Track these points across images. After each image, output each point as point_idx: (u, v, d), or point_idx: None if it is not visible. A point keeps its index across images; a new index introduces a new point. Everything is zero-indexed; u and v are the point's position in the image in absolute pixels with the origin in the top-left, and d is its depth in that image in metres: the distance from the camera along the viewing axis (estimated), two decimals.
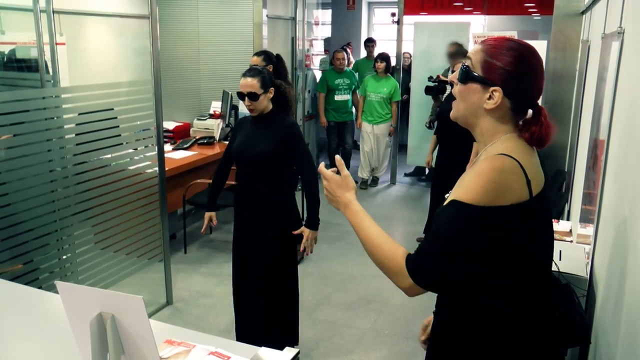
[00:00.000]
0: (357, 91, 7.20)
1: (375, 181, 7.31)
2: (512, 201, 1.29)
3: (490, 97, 1.38)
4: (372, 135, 6.99)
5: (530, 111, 1.42)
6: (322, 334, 3.64)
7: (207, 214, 3.31)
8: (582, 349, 2.23)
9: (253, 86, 2.95)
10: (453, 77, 1.47)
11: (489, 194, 1.28)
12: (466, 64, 1.44)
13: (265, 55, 4.13)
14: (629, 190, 1.76)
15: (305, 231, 3.05)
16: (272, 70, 3.97)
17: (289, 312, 3.26)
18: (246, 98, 2.97)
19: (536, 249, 1.39)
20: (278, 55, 4.29)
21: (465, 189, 1.31)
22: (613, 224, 1.99)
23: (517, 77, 1.37)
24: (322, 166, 1.60)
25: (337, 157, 1.61)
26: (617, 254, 1.83)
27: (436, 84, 5.58)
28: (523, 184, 1.31)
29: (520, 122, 1.42)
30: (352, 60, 8.58)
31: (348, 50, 8.31)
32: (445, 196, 1.54)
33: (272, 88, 3.02)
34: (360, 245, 1.49)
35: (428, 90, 5.72)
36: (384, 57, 6.74)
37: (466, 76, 1.43)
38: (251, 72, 3.00)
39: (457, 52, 5.26)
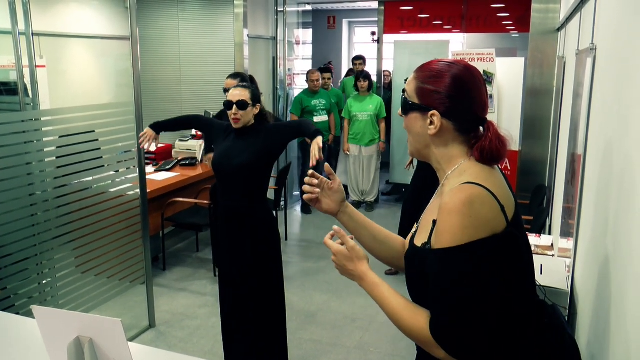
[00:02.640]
0: (342, 114, 6.81)
1: (371, 206, 6.93)
2: (490, 232, 1.23)
3: (431, 123, 1.36)
4: (359, 157, 6.76)
5: (482, 128, 1.37)
6: (308, 354, 3.62)
7: (152, 133, 3.27)
8: None
9: (244, 95, 2.98)
10: (400, 112, 1.45)
11: (469, 230, 1.22)
12: (403, 95, 1.42)
13: (241, 78, 4.14)
14: (605, 203, 1.78)
15: (311, 143, 2.95)
16: None
17: (277, 329, 3.24)
18: (234, 106, 2.96)
19: (523, 274, 1.34)
20: (251, 77, 4.32)
21: (445, 232, 1.25)
22: (592, 237, 2.02)
23: (452, 96, 1.34)
24: (327, 238, 1.50)
25: (336, 227, 1.49)
26: (597, 267, 1.85)
27: None
28: (498, 212, 1.25)
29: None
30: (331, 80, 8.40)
31: (331, 69, 8.20)
32: (413, 230, 1.49)
33: (259, 104, 3.06)
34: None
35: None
36: (367, 75, 6.64)
37: (405, 107, 1.41)
38: (242, 84, 3.07)
39: None
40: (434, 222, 1.31)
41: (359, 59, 7.56)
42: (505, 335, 1.32)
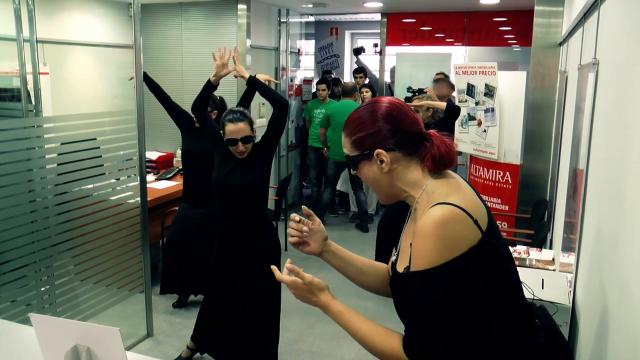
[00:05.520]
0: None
1: (371, 218, 6.92)
2: (466, 247, 1.25)
3: (381, 162, 1.39)
4: None
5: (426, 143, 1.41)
6: None
7: None
8: None
9: (247, 130, 2.96)
10: (353, 172, 1.50)
11: (444, 251, 1.24)
12: (346, 156, 1.47)
13: (212, 100, 4.12)
14: (608, 218, 1.78)
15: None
16: (216, 115, 4.03)
17: (269, 342, 3.23)
18: (240, 143, 2.95)
19: (507, 279, 1.35)
20: (221, 98, 4.32)
21: (420, 256, 1.27)
22: (593, 252, 2.01)
23: (386, 129, 1.39)
24: (278, 274, 1.53)
25: (288, 265, 1.51)
26: (599, 282, 1.84)
27: (414, 94, 5.59)
28: (472, 226, 1.27)
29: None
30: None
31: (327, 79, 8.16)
32: (394, 258, 1.51)
33: (254, 128, 3.08)
34: (344, 276, 1.48)
35: (407, 101, 5.77)
36: (370, 86, 6.71)
37: (352, 162, 1.46)
38: (236, 114, 2.98)
39: (440, 79, 5.55)
40: (412, 245, 1.33)
41: (360, 72, 7.49)
42: (497, 341, 1.33)
